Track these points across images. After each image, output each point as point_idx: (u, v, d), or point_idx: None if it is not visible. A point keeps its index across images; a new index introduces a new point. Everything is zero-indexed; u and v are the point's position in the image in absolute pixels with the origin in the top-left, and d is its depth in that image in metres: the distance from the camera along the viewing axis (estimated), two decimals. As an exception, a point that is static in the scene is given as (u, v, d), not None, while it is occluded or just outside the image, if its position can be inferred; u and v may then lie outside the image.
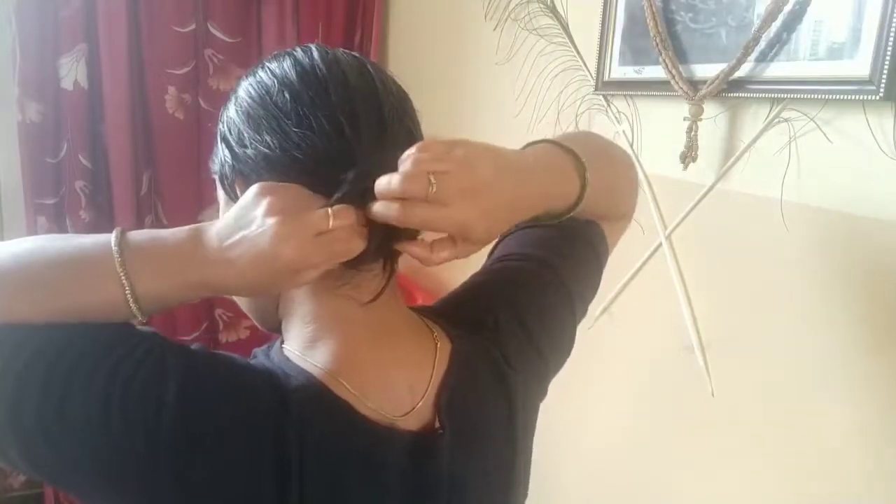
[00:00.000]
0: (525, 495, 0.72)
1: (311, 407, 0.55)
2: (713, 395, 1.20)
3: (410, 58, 2.26)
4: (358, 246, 0.53)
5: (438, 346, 0.64)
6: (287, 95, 0.56)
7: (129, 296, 0.50)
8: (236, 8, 2.17)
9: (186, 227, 0.53)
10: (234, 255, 0.50)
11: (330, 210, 0.51)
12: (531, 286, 0.73)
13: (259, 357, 0.61)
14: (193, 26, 2.11)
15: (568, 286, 0.74)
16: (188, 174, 2.18)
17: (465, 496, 0.63)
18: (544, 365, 0.73)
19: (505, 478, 0.67)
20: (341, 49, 0.61)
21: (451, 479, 0.61)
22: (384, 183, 0.51)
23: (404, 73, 2.27)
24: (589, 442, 1.50)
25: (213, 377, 0.54)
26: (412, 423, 0.60)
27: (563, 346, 0.76)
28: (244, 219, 0.51)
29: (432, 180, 0.50)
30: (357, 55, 0.60)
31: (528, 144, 0.65)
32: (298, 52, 0.59)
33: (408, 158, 0.51)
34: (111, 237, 0.51)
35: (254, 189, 0.52)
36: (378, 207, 0.51)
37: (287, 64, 0.58)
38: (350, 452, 0.56)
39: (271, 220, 0.49)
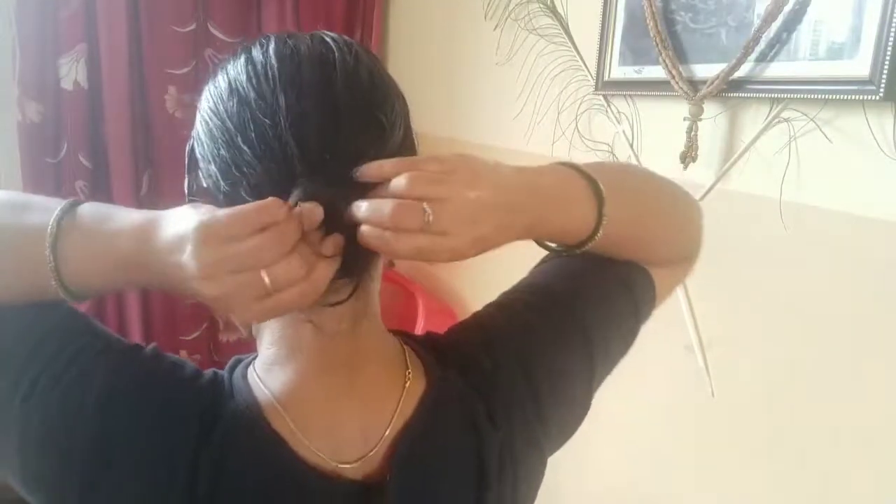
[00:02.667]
0: None
1: (237, 436, 0.51)
2: (713, 395, 1.20)
3: (410, 58, 2.26)
4: (312, 292, 0.46)
5: (408, 386, 0.56)
6: (234, 103, 0.49)
7: (54, 282, 0.47)
8: (236, 8, 2.17)
9: (133, 225, 0.48)
10: (180, 282, 0.46)
11: (264, 274, 0.43)
12: (550, 341, 0.62)
13: (227, 366, 0.57)
14: (193, 26, 2.11)
15: (592, 351, 0.63)
16: (188, 174, 2.18)
17: None
18: (544, 432, 0.61)
19: None
20: (314, 33, 0.53)
21: None
22: (373, 209, 0.46)
23: (404, 73, 2.27)
24: (588, 442, 1.50)
25: (137, 392, 0.50)
26: (361, 471, 0.53)
27: (570, 421, 0.65)
28: (177, 260, 0.45)
29: (427, 210, 0.45)
30: (328, 38, 0.52)
31: (553, 164, 0.57)
32: (255, 48, 0.52)
33: (401, 181, 0.46)
34: (53, 215, 0.48)
35: (187, 232, 0.45)
36: (367, 234, 0.46)
37: (240, 64, 0.51)
38: (272, 493, 0.51)
39: (200, 285, 0.44)
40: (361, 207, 0.46)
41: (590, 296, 0.64)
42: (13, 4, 1.85)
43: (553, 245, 0.60)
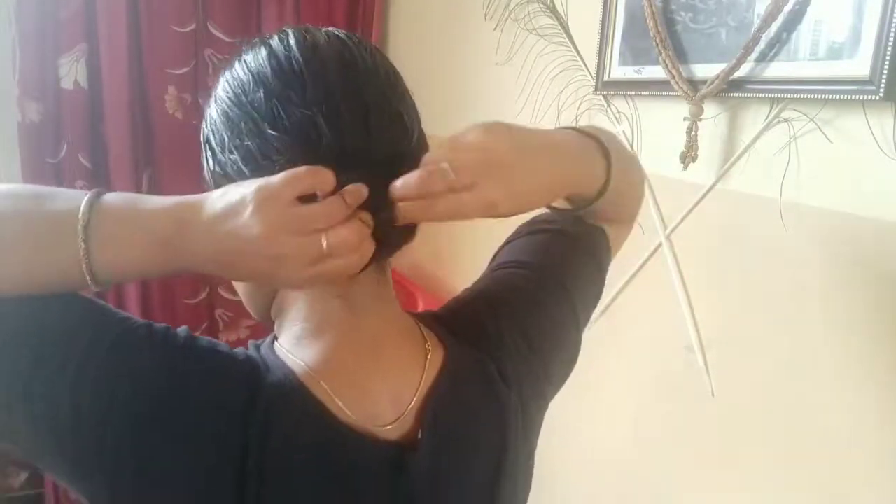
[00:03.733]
0: None
1: (281, 403, 0.54)
2: (713, 395, 1.20)
3: (410, 58, 2.26)
4: (360, 261, 0.50)
5: (430, 356, 0.62)
6: (261, 94, 0.52)
7: (84, 264, 0.47)
8: (236, 8, 2.18)
9: (171, 204, 0.50)
10: (227, 262, 0.49)
11: (324, 238, 0.47)
12: (537, 299, 0.70)
13: (249, 348, 0.60)
14: (193, 26, 2.11)
15: (574, 302, 0.71)
16: (188, 174, 2.16)
17: None
18: (548, 382, 0.70)
19: (486, 497, 0.63)
20: (326, 29, 0.56)
21: (428, 492, 0.59)
22: (400, 186, 0.49)
23: (404, 73, 2.28)
24: (589, 441, 1.50)
25: (186, 368, 0.53)
26: (394, 433, 0.58)
27: (567, 362, 0.73)
28: (235, 232, 0.47)
29: (446, 166, 0.49)
30: (341, 35, 0.56)
31: (554, 130, 0.65)
32: (275, 41, 0.55)
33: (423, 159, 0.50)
34: (83, 200, 0.48)
35: (246, 195, 0.47)
36: (406, 208, 0.50)
37: (262, 56, 0.54)
38: (318, 454, 0.54)
39: (260, 245, 0.46)
40: (395, 186, 0.50)
41: (564, 261, 0.73)
42: (13, 4, 1.85)
43: (560, 206, 0.67)
